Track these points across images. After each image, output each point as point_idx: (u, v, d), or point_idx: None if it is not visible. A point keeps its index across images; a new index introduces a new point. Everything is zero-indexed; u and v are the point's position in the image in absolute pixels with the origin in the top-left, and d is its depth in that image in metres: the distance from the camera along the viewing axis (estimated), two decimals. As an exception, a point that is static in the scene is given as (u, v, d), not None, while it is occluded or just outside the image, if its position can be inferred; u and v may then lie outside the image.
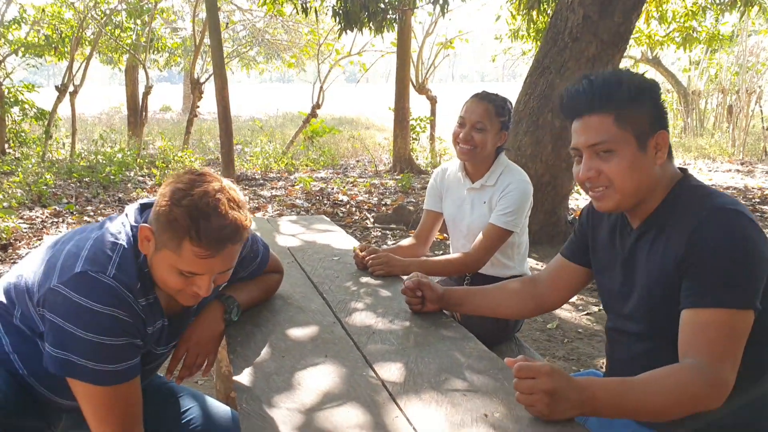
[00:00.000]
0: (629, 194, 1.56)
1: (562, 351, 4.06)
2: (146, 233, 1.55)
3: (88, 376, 1.48)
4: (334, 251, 2.79)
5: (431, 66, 13.98)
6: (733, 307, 1.41)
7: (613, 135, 1.53)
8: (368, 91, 31.96)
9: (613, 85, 1.54)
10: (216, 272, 1.57)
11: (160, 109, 26.70)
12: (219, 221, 1.49)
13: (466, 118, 2.61)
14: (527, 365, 1.34)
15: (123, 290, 1.50)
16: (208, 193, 1.50)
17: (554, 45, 6.07)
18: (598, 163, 1.56)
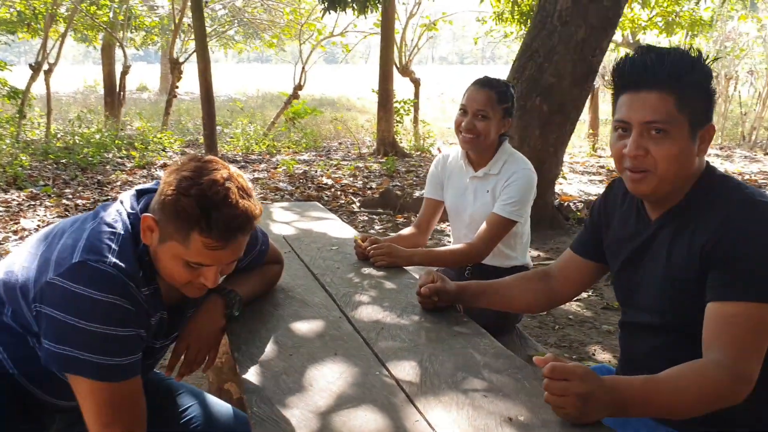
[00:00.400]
0: (669, 181, 1.50)
1: (554, 338, 4.05)
2: (149, 223, 1.47)
3: (92, 371, 1.39)
4: (332, 240, 2.72)
5: (415, 48, 13.86)
6: (762, 300, 1.37)
7: (672, 116, 1.45)
8: (348, 72, 31.72)
9: (686, 66, 1.46)
10: (224, 263, 1.51)
11: (136, 89, 26.26)
12: (230, 211, 1.42)
13: (467, 106, 2.54)
14: (561, 366, 1.28)
15: (124, 278, 1.42)
16: (217, 181, 1.43)
17: (543, 29, 6.01)
18: (648, 142, 1.48)
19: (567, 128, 6.27)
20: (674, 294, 1.53)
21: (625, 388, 1.32)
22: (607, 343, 3.98)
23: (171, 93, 11.91)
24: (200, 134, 12.82)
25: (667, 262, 1.55)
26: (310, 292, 2.09)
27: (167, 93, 13.17)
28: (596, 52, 6.03)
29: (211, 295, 1.83)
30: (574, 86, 6.00)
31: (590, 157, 12.12)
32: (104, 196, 7.32)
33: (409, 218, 6.82)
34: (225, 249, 1.45)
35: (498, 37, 17.70)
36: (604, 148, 13.08)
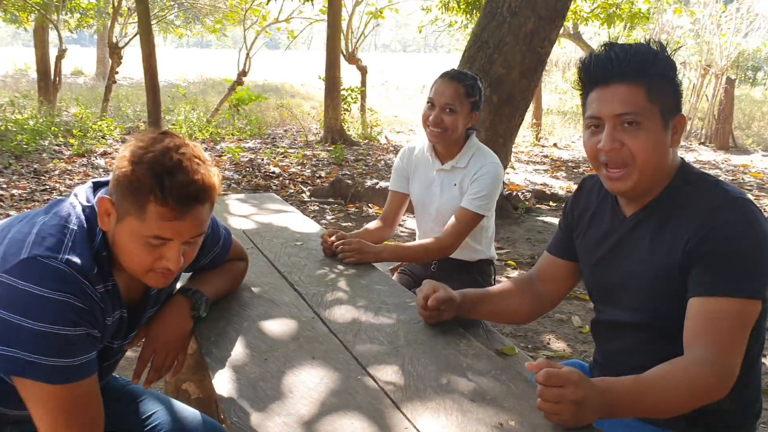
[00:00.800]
0: (648, 174, 1.49)
1: (509, 328, 4.07)
2: (106, 205, 1.39)
3: (40, 373, 1.28)
4: (295, 235, 2.64)
5: (361, 35, 13.75)
6: (745, 296, 1.38)
7: (643, 107, 1.46)
8: (290, 58, 31.32)
9: (650, 56, 1.47)
10: (185, 237, 1.40)
11: (71, 73, 25.34)
12: (185, 177, 1.34)
13: (435, 99, 2.50)
14: (555, 373, 1.25)
15: (77, 275, 1.32)
16: (171, 148, 1.36)
17: (492, 19, 6.02)
18: (622, 135, 1.47)
19: (516, 119, 6.31)
20: (655, 292, 1.53)
21: (615, 390, 1.31)
22: (560, 332, 4.03)
23: (110, 78, 11.50)
24: (141, 121, 12.47)
25: (647, 260, 1.54)
26: (279, 290, 2.02)
27: (104, 78, 12.73)
28: (545, 43, 6.07)
29: (175, 296, 1.75)
30: (523, 77, 6.03)
31: (534, 147, 12.29)
32: (42, 185, 7.02)
33: (361, 208, 6.77)
34: (183, 220, 1.37)
35: (443, 26, 17.76)
36: (547, 137, 13.29)
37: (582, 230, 1.77)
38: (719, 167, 10.41)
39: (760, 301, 1.41)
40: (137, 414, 1.76)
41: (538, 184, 8.34)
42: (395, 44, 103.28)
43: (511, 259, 5.35)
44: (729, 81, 13.34)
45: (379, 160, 9.82)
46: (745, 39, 18.63)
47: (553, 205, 7.37)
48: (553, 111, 16.92)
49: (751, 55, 21.54)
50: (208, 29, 18.44)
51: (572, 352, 3.73)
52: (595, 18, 13.07)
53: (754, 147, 12.99)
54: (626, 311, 1.62)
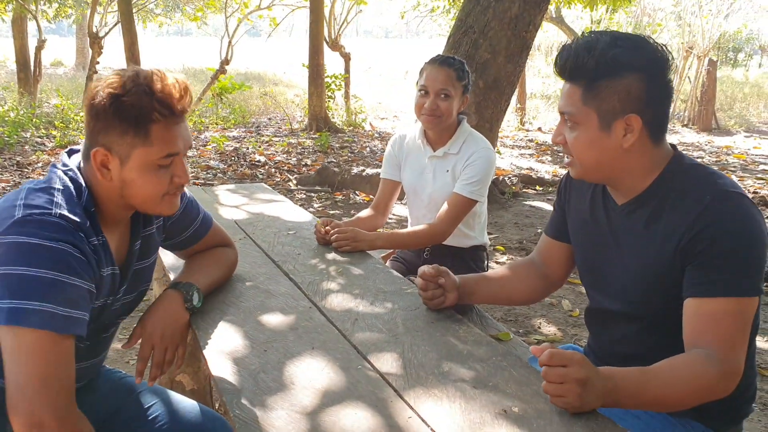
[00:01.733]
0: (590, 169, 1.54)
1: (500, 312, 4.09)
2: (102, 156, 1.42)
3: (40, 319, 1.27)
4: (288, 224, 2.63)
5: (344, 22, 13.66)
6: (743, 295, 1.38)
7: (578, 108, 1.48)
8: (272, 46, 31.09)
9: (584, 54, 1.44)
10: (187, 145, 1.49)
11: (51, 64, 24.99)
12: (168, 82, 1.42)
13: (428, 86, 2.49)
14: (559, 352, 1.25)
15: (72, 227, 1.36)
16: (143, 70, 1.44)
17: (477, 4, 6.00)
18: (566, 130, 1.53)
19: (502, 104, 6.30)
20: (647, 283, 1.53)
21: (619, 378, 1.31)
22: (551, 316, 4.05)
23: (91, 69, 11.33)
24: (123, 111, 12.32)
25: (639, 252, 1.54)
26: (274, 281, 2.00)
27: (85, 68, 12.55)
28: (530, 28, 6.05)
29: (166, 291, 1.74)
30: (508, 62, 6.02)
31: (518, 131, 12.31)
32: (25, 178, 6.93)
33: (348, 195, 6.76)
34: (180, 124, 1.46)
35: (425, 11, 17.69)
36: (531, 122, 13.32)
37: (574, 212, 1.77)
38: (703, 149, 10.49)
39: (758, 298, 1.41)
40: (136, 407, 1.75)
41: (524, 168, 8.37)
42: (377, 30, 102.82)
43: (499, 244, 5.36)
44: (711, 63, 13.42)
45: (365, 147, 9.79)
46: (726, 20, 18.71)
47: (539, 189, 7.39)
48: (537, 95, 16.95)
49: (732, 36, 21.67)
50: (188, 17, 18.23)
51: (563, 336, 3.75)
52: (578, 1, 13.05)
53: (737, 128, 13.09)
54: (617, 300, 1.62)
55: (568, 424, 1.25)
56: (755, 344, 1.59)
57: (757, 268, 1.39)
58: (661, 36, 17.28)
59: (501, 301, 1.99)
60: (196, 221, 1.87)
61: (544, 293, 1.95)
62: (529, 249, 5.25)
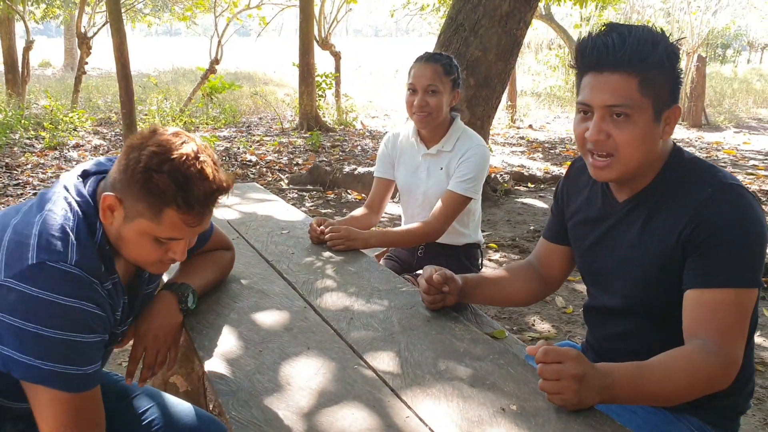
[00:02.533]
0: (633, 166, 1.47)
1: (493, 310, 4.08)
2: (111, 202, 1.36)
3: (55, 381, 1.27)
4: (280, 223, 2.61)
5: (334, 21, 13.64)
6: (743, 286, 1.38)
7: (634, 100, 1.40)
8: (262, 45, 31.02)
9: (648, 45, 1.40)
10: (196, 234, 1.46)
11: (38, 65, 24.83)
12: (207, 186, 1.35)
13: (416, 83, 2.49)
14: (554, 349, 1.25)
15: (89, 277, 1.31)
16: (190, 155, 1.34)
17: (468, 2, 5.99)
18: (610, 126, 1.43)
19: (493, 102, 6.30)
20: (648, 278, 1.52)
21: (617, 374, 1.30)
22: (545, 314, 4.05)
23: (80, 69, 11.27)
24: (113, 112, 12.28)
25: (640, 247, 1.53)
26: (268, 281, 1.99)
27: (73, 69, 12.47)
28: (520, 25, 6.05)
29: (160, 292, 1.73)
30: (499, 60, 6.02)
31: (509, 129, 12.33)
32: (14, 180, 6.88)
33: (340, 194, 6.74)
34: (201, 223, 1.41)
35: (414, 10, 17.69)
36: (522, 119, 13.33)
37: (573, 213, 1.76)
38: (693, 145, 10.53)
39: (757, 289, 1.41)
40: (131, 411, 1.73)
41: (515, 165, 8.37)
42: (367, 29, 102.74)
43: (492, 241, 5.36)
44: (700, 59, 13.46)
45: (356, 145, 9.78)
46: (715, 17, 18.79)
47: (531, 187, 7.39)
48: (527, 92, 16.97)
49: (720, 32, 21.77)
50: (177, 17, 18.14)
51: (557, 333, 3.75)
52: (567, -2, 13.07)
53: (726, 124, 13.15)
54: (618, 296, 1.61)
55: (567, 422, 1.25)
56: (753, 340, 1.58)
57: (757, 259, 1.40)
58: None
59: (499, 302, 1.98)
60: None
61: (541, 295, 1.95)
62: (522, 246, 5.25)
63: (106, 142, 9.44)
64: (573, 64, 1.53)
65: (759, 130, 12.59)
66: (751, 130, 12.57)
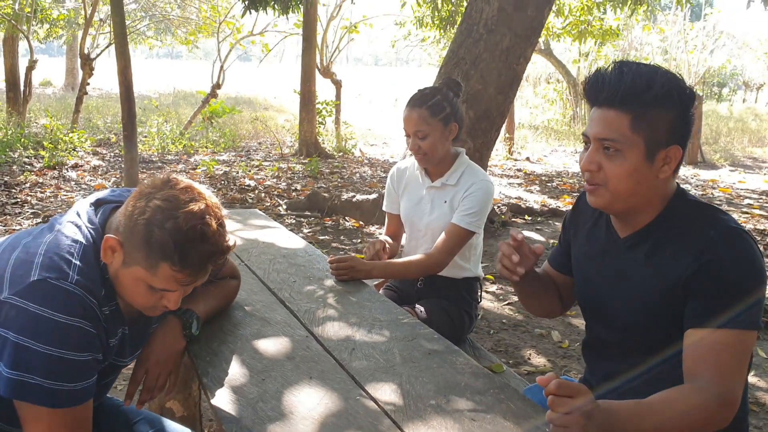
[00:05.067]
0: (621, 198, 1.52)
1: (490, 342, 4.09)
2: (112, 244, 1.37)
3: (41, 397, 1.28)
4: (282, 251, 2.64)
5: (336, 50, 13.78)
6: (743, 328, 1.41)
7: (625, 136, 1.46)
8: (262, 71, 31.26)
9: (643, 85, 1.45)
10: (190, 285, 1.44)
11: (40, 84, 24.95)
12: (206, 248, 1.35)
13: (406, 129, 2.55)
14: (566, 383, 1.26)
15: (88, 298, 1.33)
16: (196, 215, 1.35)
17: (469, 36, 6.08)
18: (602, 158, 1.50)
19: (492, 134, 6.36)
20: (647, 315, 1.55)
21: (616, 411, 1.32)
22: (540, 347, 4.05)
23: (82, 90, 11.35)
24: (112, 133, 12.33)
25: (641, 283, 1.56)
26: (270, 309, 2.01)
27: (74, 88, 12.53)
28: (520, 60, 6.14)
29: (166, 316, 1.74)
30: (499, 93, 6.09)
31: (507, 161, 12.40)
32: (13, 198, 6.89)
33: (338, 221, 6.76)
34: (195, 281, 1.41)
35: (415, 41, 17.90)
36: (519, 151, 13.42)
37: (577, 245, 1.79)
38: (689, 182, 10.61)
39: (756, 331, 1.44)
40: None
41: (513, 197, 8.42)
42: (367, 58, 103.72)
43: (489, 273, 5.38)
44: (697, 97, 13.60)
45: (354, 172, 9.83)
46: (711, 56, 19.06)
47: (528, 219, 7.43)
48: (525, 125, 17.11)
49: (716, 71, 22.05)
50: (179, 41, 18.31)
51: (553, 367, 3.76)
52: (566, 34, 13.27)
53: (722, 162, 13.26)
54: (617, 332, 1.64)
55: (567, 458, 1.26)
56: (747, 380, 1.60)
57: (758, 302, 1.42)
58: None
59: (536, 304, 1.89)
60: None
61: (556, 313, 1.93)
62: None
63: (105, 163, 9.48)
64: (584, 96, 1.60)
65: (754, 169, 12.70)
66: (746, 168, 12.68)
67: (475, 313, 2.75)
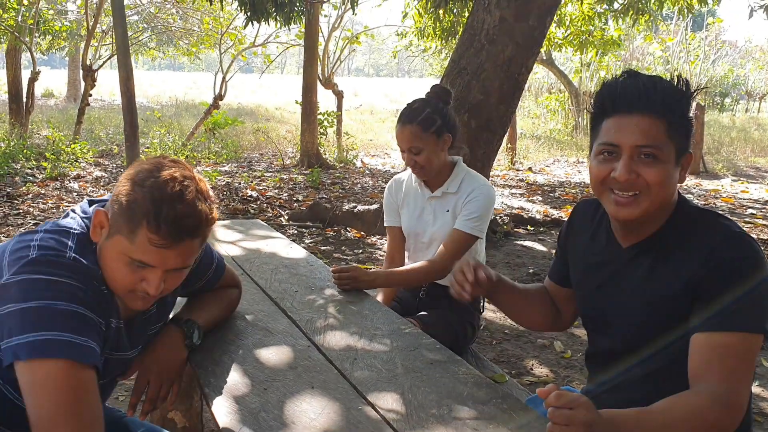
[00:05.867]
0: (657, 205, 1.50)
1: (492, 353, 4.07)
2: (101, 218, 1.41)
3: (60, 349, 1.25)
4: (284, 261, 2.63)
5: (337, 60, 13.83)
6: (750, 331, 1.41)
7: (662, 142, 1.46)
8: (264, 82, 31.36)
9: (676, 95, 1.49)
10: (170, 267, 1.42)
11: (42, 95, 25.05)
12: (183, 209, 1.36)
13: (400, 146, 2.57)
14: (566, 394, 1.26)
15: (84, 271, 1.36)
16: (176, 177, 1.38)
17: (470, 46, 6.09)
18: (639, 166, 1.47)
19: (494, 144, 6.37)
20: (654, 325, 1.54)
21: (618, 421, 1.31)
22: (543, 358, 4.04)
23: (84, 101, 11.38)
24: (114, 144, 12.36)
25: (647, 293, 1.56)
26: (272, 318, 2.01)
27: (76, 100, 12.57)
28: (522, 70, 6.15)
29: (167, 326, 1.74)
30: (500, 103, 6.10)
31: (509, 171, 12.41)
32: (15, 209, 6.90)
33: (339, 231, 6.77)
34: (170, 249, 1.38)
35: (417, 51, 17.96)
36: (522, 162, 13.43)
37: (576, 257, 1.79)
38: (691, 192, 10.60)
39: (762, 335, 1.43)
40: None
41: (515, 208, 8.42)
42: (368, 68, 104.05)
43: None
44: (699, 107, 13.61)
45: (356, 183, 9.84)
46: (713, 66, 19.09)
47: (530, 229, 7.42)
48: (527, 135, 17.13)
49: (719, 81, 22.07)
50: (181, 52, 18.39)
51: (555, 378, 3.74)
52: (568, 45, 13.31)
53: (724, 172, 13.25)
54: (619, 343, 1.63)
55: (570, 468, 1.25)
56: (751, 390, 1.60)
57: (762, 306, 1.43)
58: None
59: (518, 316, 1.94)
60: (209, 271, 1.88)
61: (553, 325, 1.94)
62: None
63: (107, 174, 9.50)
64: (593, 108, 1.58)
65: (757, 178, 12.70)
66: (749, 178, 12.67)
67: (478, 323, 2.74)
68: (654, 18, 13.01)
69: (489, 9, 5.93)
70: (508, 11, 5.85)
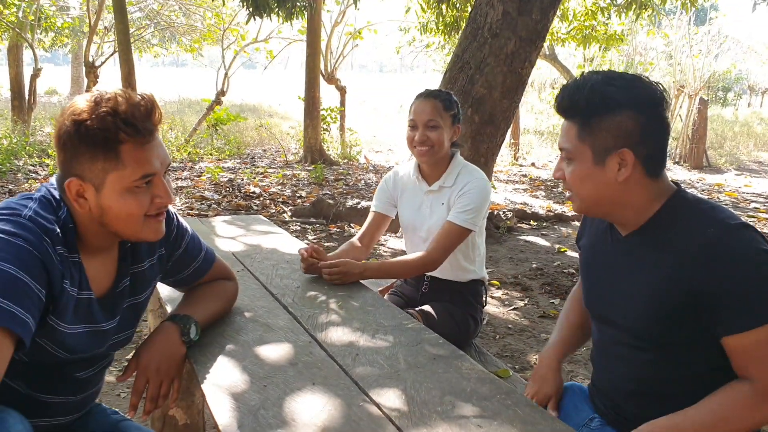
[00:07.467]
0: (589, 203, 1.59)
1: (495, 348, 4.05)
2: (76, 186, 1.40)
3: None
4: (285, 256, 2.61)
5: (340, 56, 13.79)
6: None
7: (574, 145, 1.54)
8: (267, 78, 31.33)
9: (577, 93, 1.52)
10: (163, 164, 1.45)
11: (45, 92, 25.08)
12: (132, 101, 1.38)
13: (417, 119, 2.53)
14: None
15: (38, 229, 1.34)
16: (104, 93, 1.39)
17: (474, 40, 6.06)
18: (564, 165, 1.59)
19: (497, 139, 6.34)
20: (652, 313, 1.53)
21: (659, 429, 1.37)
22: (547, 353, 4.01)
23: (86, 98, 11.35)
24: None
25: (645, 282, 1.54)
26: (273, 314, 1.98)
27: (80, 97, 12.51)
28: (525, 64, 6.11)
29: (162, 323, 1.71)
30: (504, 98, 6.06)
31: (512, 166, 12.38)
32: (17, 206, 6.90)
33: (343, 227, 6.74)
34: (152, 142, 1.41)
35: (420, 47, 17.90)
36: (525, 157, 13.40)
37: (584, 252, 1.81)
38: (694, 186, 10.56)
39: None
40: None
41: (518, 203, 8.38)
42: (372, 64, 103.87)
43: (494, 278, 5.35)
44: (702, 101, 13.57)
45: (359, 179, 9.81)
46: (716, 60, 19.00)
47: (534, 224, 7.39)
48: (530, 131, 17.08)
49: (721, 76, 21.98)
50: (184, 48, 18.36)
51: (559, 372, 3.71)
52: (571, 39, 13.25)
53: (727, 166, 13.21)
54: (623, 332, 1.62)
55: (576, 466, 1.23)
56: None
57: None
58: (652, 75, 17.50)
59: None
60: (198, 259, 1.85)
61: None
62: (524, 284, 5.24)
63: (110, 171, 9.48)
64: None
65: (760, 173, 12.65)
66: (752, 173, 12.63)
67: (481, 317, 2.72)
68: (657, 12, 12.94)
69: (492, 3, 5.89)
70: (512, 5, 5.81)
